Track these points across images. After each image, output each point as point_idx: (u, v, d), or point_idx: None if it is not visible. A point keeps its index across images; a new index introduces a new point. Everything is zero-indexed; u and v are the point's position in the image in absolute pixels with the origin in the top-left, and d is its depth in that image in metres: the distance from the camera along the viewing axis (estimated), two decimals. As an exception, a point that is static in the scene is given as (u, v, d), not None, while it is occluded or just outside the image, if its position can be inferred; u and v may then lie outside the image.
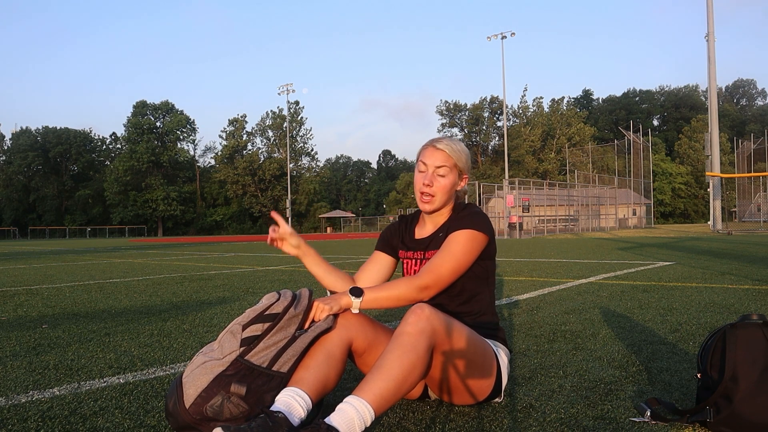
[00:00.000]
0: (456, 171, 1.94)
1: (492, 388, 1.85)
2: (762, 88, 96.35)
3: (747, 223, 47.12)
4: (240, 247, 17.86)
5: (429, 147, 1.95)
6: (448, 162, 1.92)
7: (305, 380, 1.62)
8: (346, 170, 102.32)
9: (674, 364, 2.38)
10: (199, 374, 1.63)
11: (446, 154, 1.92)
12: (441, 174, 1.92)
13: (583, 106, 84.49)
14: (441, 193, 1.93)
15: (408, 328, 1.62)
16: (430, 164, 1.92)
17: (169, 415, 1.64)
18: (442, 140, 1.95)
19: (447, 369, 1.75)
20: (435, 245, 1.96)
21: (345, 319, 1.76)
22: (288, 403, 1.54)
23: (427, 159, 1.93)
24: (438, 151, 1.92)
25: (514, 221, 25.85)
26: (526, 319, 3.56)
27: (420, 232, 2.07)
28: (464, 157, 1.95)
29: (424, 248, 2.00)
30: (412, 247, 2.05)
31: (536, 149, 66.88)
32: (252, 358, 1.64)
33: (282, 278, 6.71)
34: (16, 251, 18.22)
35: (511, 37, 37.60)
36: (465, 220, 1.91)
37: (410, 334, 1.60)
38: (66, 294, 5.49)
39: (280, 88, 54.15)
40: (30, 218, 67.39)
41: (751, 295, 4.42)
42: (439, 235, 1.96)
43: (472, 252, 1.89)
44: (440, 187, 1.92)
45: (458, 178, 1.96)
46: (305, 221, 69.75)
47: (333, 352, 1.69)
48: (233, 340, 1.67)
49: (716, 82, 25.83)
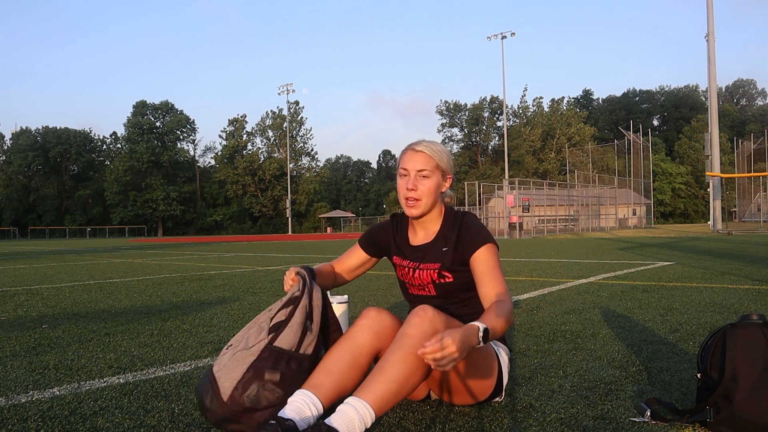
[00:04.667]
0: (439, 172, 1.90)
1: (493, 387, 1.85)
2: (762, 88, 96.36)
3: (747, 223, 47.11)
4: (240, 247, 17.86)
5: (408, 151, 1.91)
6: (430, 164, 1.87)
7: (323, 387, 1.61)
8: (346, 170, 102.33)
9: (674, 364, 2.38)
10: (232, 367, 1.63)
11: (427, 156, 1.88)
12: (424, 176, 1.88)
13: (583, 106, 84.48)
14: (426, 196, 1.88)
15: (411, 330, 1.61)
16: (411, 168, 1.88)
17: (206, 411, 1.64)
18: (421, 143, 1.91)
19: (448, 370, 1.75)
20: (432, 258, 1.93)
21: (380, 327, 1.73)
22: (300, 410, 1.55)
23: (408, 163, 1.89)
24: (418, 154, 1.88)
25: (514, 221, 25.85)
26: (526, 319, 3.56)
27: (413, 237, 2.03)
28: (446, 157, 1.91)
29: (419, 260, 1.97)
30: (408, 255, 2.01)
31: (536, 149, 66.86)
32: (280, 344, 1.65)
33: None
34: (16, 251, 18.22)
35: (511, 37, 37.63)
36: (479, 237, 1.88)
37: (413, 336, 1.60)
38: (66, 294, 5.49)
39: (280, 88, 54.25)
40: (30, 218, 67.38)
41: (751, 295, 4.42)
42: (443, 250, 1.92)
43: (499, 261, 1.90)
44: (425, 190, 1.88)
45: (442, 178, 1.93)
46: (305, 221, 69.73)
47: (359, 360, 1.68)
48: (261, 330, 1.69)
49: (716, 82, 25.85)
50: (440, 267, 1.91)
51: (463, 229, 1.92)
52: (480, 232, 1.89)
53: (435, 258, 1.93)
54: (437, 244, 1.95)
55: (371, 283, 5.85)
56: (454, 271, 1.90)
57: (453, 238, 1.92)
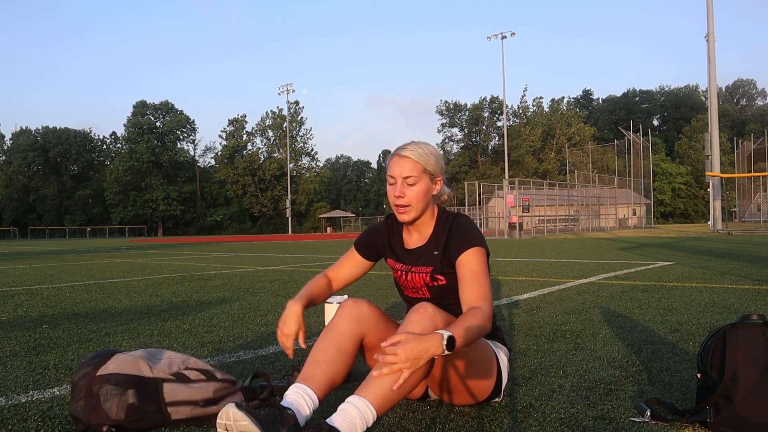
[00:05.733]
0: (427, 176, 1.85)
1: (492, 387, 1.85)
2: (762, 88, 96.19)
3: (747, 223, 47.10)
4: (240, 247, 17.86)
5: (394, 157, 1.87)
6: (416, 169, 1.83)
7: (315, 378, 1.64)
8: (346, 170, 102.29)
9: (674, 364, 2.38)
10: (128, 362, 1.74)
11: (412, 161, 1.83)
12: (410, 183, 1.83)
13: (583, 106, 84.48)
14: (416, 202, 1.85)
15: (410, 327, 1.62)
16: (398, 175, 1.84)
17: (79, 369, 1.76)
18: (407, 147, 1.86)
19: (447, 368, 1.75)
20: (425, 261, 1.92)
21: (359, 314, 1.77)
22: (297, 402, 1.58)
23: (394, 170, 1.84)
24: (403, 159, 1.84)
25: (514, 221, 25.84)
26: (526, 319, 3.56)
27: (408, 239, 2.01)
28: (433, 160, 1.86)
29: (412, 263, 1.95)
30: (401, 257, 2.00)
31: (536, 149, 66.85)
32: (165, 387, 1.75)
33: (282, 278, 6.72)
34: (16, 251, 18.22)
35: (511, 37, 37.61)
36: (466, 240, 1.85)
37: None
38: (66, 294, 5.49)
39: (280, 88, 54.25)
40: (30, 218, 67.35)
41: (751, 295, 4.42)
42: (434, 254, 1.90)
43: (486, 265, 1.86)
44: (413, 197, 1.84)
45: (431, 182, 1.87)
46: (305, 221, 69.73)
47: (345, 347, 1.72)
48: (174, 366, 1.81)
49: (716, 82, 25.85)
50: (432, 271, 1.89)
51: (452, 231, 1.89)
52: (468, 235, 1.85)
53: (427, 261, 1.91)
54: (430, 247, 1.93)
55: (371, 283, 5.85)
56: (446, 273, 1.88)
57: (443, 241, 1.89)
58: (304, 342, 1.82)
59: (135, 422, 1.69)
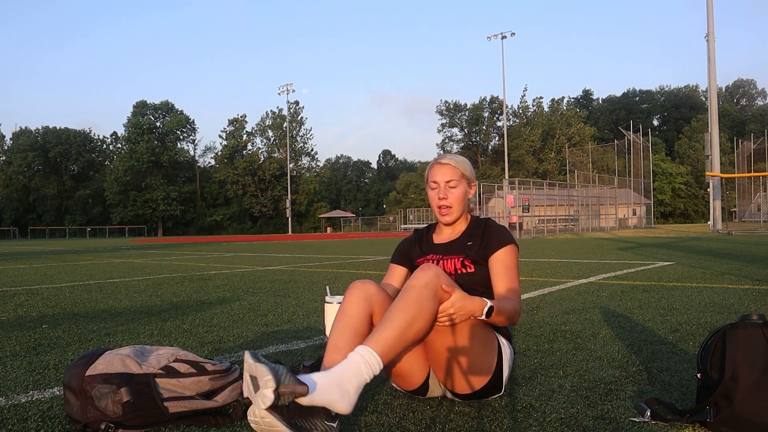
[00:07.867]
0: (465, 180, 2.12)
1: (491, 375, 1.86)
2: (762, 88, 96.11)
3: (747, 223, 47.09)
4: (240, 247, 17.86)
5: (435, 165, 2.12)
6: (456, 174, 2.09)
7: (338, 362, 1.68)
8: (346, 170, 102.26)
9: (674, 364, 2.38)
10: (116, 361, 1.75)
11: (452, 167, 2.09)
12: (452, 186, 2.09)
13: (583, 106, 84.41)
14: (457, 203, 2.09)
15: (413, 282, 1.73)
16: (441, 180, 2.09)
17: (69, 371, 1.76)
18: (445, 156, 2.13)
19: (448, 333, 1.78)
20: (458, 251, 2.09)
21: (367, 294, 1.84)
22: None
23: (437, 176, 2.10)
24: (444, 166, 2.10)
25: (514, 221, 25.86)
26: (526, 319, 3.56)
27: (438, 239, 2.19)
28: (468, 167, 2.13)
29: (444, 252, 2.12)
30: (428, 251, 2.16)
31: (536, 149, 66.82)
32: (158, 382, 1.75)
33: (282, 278, 6.72)
34: (16, 251, 18.22)
35: (511, 37, 37.65)
36: (504, 237, 2.06)
37: (414, 287, 1.71)
38: (66, 294, 5.49)
39: (280, 88, 54.27)
40: (30, 218, 67.32)
41: (751, 295, 4.42)
42: (468, 244, 2.09)
43: (518, 264, 2.07)
44: (455, 198, 2.09)
45: (467, 186, 2.14)
46: (305, 221, 69.74)
47: (359, 328, 1.79)
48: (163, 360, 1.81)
49: (716, 82, 25.85)
50: (464, 257, 2.06)
51: (489, 228, 2.11)
52: (505, 233, 2.09)
53: (459, 251, 2.09)
54: (462, 239, 2.13)
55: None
56: (477, 263, 2.04)
57: (479, 235, 2.10)
58: None
59: (133, 419, 1.70)
